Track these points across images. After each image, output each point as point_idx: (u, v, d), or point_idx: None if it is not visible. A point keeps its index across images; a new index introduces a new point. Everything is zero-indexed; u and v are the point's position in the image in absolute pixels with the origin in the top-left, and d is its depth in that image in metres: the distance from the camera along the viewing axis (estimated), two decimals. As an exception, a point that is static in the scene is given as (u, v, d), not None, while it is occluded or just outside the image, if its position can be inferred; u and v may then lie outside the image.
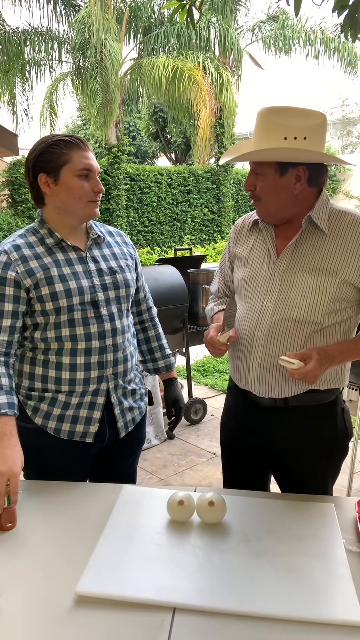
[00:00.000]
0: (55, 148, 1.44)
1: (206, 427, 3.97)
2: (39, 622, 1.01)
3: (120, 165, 13.04)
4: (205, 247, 13.86)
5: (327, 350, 1.39)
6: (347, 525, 1.30)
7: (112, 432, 1.60)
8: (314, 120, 1.37)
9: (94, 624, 1.00)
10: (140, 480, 3.15)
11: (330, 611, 1.02)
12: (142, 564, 1.14)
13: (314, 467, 1.53)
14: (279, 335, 1.46)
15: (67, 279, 1.47)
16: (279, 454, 1.57)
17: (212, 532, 1.25)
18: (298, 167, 1.38)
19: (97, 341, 1.50)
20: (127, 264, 1.62)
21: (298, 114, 1.36)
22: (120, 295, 1.57)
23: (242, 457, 1.66)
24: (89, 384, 1.52)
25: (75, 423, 1.54)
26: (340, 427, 1.54)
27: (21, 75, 12.55)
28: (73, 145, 1.45)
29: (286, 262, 1.47)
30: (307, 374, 1.34)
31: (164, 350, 1.84)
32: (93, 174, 1.48)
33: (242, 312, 1.55)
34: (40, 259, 1.47)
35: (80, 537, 1.25)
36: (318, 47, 13.99)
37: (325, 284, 1.41)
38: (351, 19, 1.96)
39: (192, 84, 12.14)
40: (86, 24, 11.44)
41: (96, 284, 1.52)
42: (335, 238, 1.43)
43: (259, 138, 1.40)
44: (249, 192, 1.47)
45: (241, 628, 0.99)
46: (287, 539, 1.23)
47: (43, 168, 1.45)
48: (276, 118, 1.36)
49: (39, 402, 1.53)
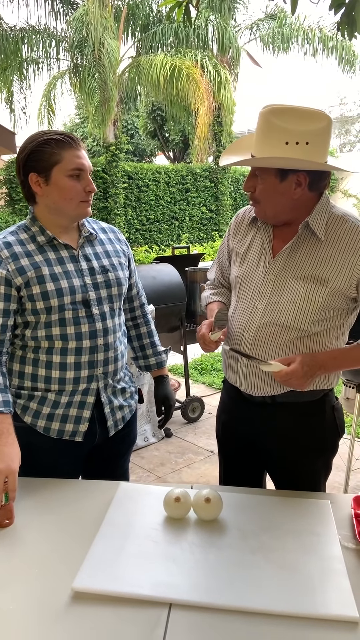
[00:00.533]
0: (46, 147, 1.40)
1: (204, 425, 3.98)
2: (36, 618, 1.01)
3: (118, 164, 13.03)
4: (203, 246, 13.88)
5: (315, 356, 1.39)
6: (343, 521, 1.30)
7: (102, 431, 1.59)
8: (318, 123, 1.33)
9: (91, 620, 1.00)
10: (137, 478, 3.16)
11: (326, 607, 1.02)
12: (139, 560, 1.15)
13: (304, 464, 1.54)
14: (266, 337, 1.47)
15: (58, 278, 1.45)
16: (270, 450, 1.58)
17: (208, 529, 1.26)
18: (299, 172, 1.36)
19: (88, 340, 1.49)
20: (119, 261, 1.60)
21: (301, 116, 1.33)
22: (112, 294, 1.55)
23: (236, 451, 1.67)
24: (79, 383, 1.51)
25: (65, 422, 1.52)
26: (329, 425, 1.54)
27: (19, 73, 12.52)
28: (64, 144, 1.41)
29: (280, 266, 1.46)
30: (290, 375, 1.34)
31: (155, 347, 1.83)
32: (85, 174, 1.44)
33: (234, 310, 1.57)
34: (31, 257, 1.45)
35: (77, 534, 1.25)
36: (316, 45, 13.99)
37: (315, 293, 1.40)
38: (347, 17, 1.97)
39: (190, 82, 12.13)
40: (84, 22, 11.43)
41: (88, 283, 1.50)
42: (330, 245, 1.41)
43: (260, 140, 1.38)
44: (247, 194, 1.46)
45: (237, 624, 0.99)
46: (283, 535, 1.24)
47: (34, 167, 1.42)
48: (278, 121, 1.33)
49: (28, 400, 1.52)
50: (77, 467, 1.63)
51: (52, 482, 1.48)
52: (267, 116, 1.35)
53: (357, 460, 3.27)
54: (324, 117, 1.35)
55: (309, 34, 13.95)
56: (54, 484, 1.47)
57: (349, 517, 1.32)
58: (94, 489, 1.45)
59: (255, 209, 1.49)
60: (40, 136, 1.42)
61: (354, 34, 2.07)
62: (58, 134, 1.43)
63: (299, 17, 13.92)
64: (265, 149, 1.36)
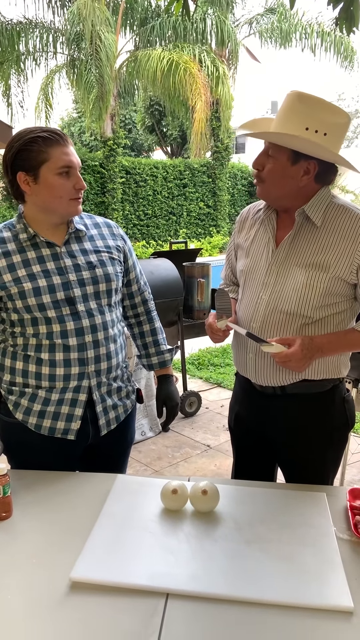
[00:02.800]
0: (34, 145, 1.37)
1: (200, 419, 3.99)
2: (34, 608, 1.02)
3: (115, 159, 12.99)
4: (201, 241, 13.86)
5: (313, 339, 1.41)
6: (338, 513, 1.32)
7: (95, 432, 1.57)
8: (339, 119, 1.37)
9: (88, 610, 1.01)
10: (134, 472, 3.17)
11: (321, 597, 1.04)
12: (136, 551, 1.16)
13: (314, 456, 1.55)
14: (272, 326, 1.48)
15: (35, 277, 1.43)
16: (280, 441, 1.59)
17: (205, 521, 1.27)
18: (310, 160, 1.38)
19: (75, 338, 1.46)
20: (110, 257, 1.56)
21: (325, 108, 1.36)
22: (99, 291, 1.51)
23: (248, 443, 1.69)
24: (69, 380, 1.48)
25: (57, 420, 1.50)
26: (339, 417, 1.55)
27: (16, 66, 12.45)
28: (52, 142, 1.38)
29: (283, 255, 1.49)
30: (289, 357, 1.36)
31: (158, 346, 1.78)
32: (74, 171, 1.41)
33: (241, 302, 1.59)
34: (9, 257, 1.43)
35: (74, 526, 1.26)
36: (315, 40, 13.94)
37: (316, 279, 1.42)
38: (346, 12, 1.97)
39: (188, 77, 12.08)
40: (81, 15, 11.36)
41: (72, 280, 1.47)
42: (329, 233, 1.43)
43: (281, 120, 1.40)
44: (254, 171, 1.47)
45: (233, 613, 1.00)
46: (279, 527, 1.25)
47: (21, 166, 1.39)
48: (303, 106, 1.36)
49: (19, 397, 1.51)
50: (71, 467, 1.59)
51: (50, 475, 1.48)
52: (294, 98, 1.38)
53: (354, 455, 3.30)
54: (345, 115, 1.39)
55: (307, 29, 13.90)
56: (52, 477, 1.47)
57: (344, 509, 1.33)
58: (91, 482, 1.46)
59: (257, 189, 1.50)
60: (26, 134, 1.39)
61: (352, 29, 2.07)
62: (44, 130, 1.39)
63: (297, 12, 13.86)
64: (285, 128, 1.38)
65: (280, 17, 13.91)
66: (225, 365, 5.28)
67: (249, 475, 1.61)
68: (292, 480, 1.60)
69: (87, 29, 11.19)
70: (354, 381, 2.70)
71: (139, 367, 3.45)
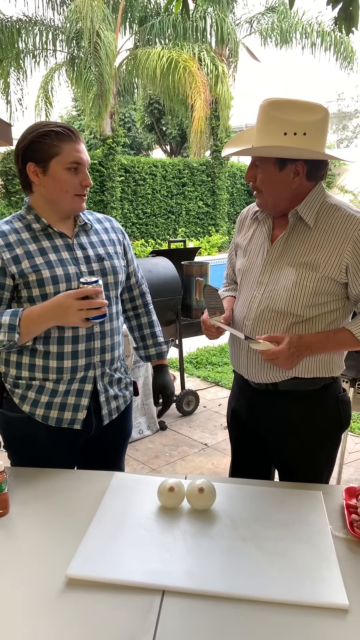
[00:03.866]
0: (46, 139, 1.42)
1: (198, 418, 3.99)
2: (30, 604, 1.02)
3: (115, 157, 12.97)
4: (200, 240, 13.84)
5: (302, 337, 1.42)
6: (334, 512, 1.32)
7: (97, 422, 1.60)
8: (315, 115, 1.38)
9: (84, 606, 1.02)
10: (131, 470, 3.17)
11: (317, 594, 1.04)
12: (133, 548, 1.16)
13: (305, 455, 1.56)
14: (264, 324, 1.50)
15: (53, 266, 1.46)
16: (272, 438, 1.60)
17: (201, 518, 1.27)
18: (296, 162, 1.40)
19: (85, 328, 1.50)
20: (115, 250, 1.62)
21: (299, 108, 1.37)
22: (107, 282, 1.56)
23: (244, 440, 1.71)
24: (76, 371, 1.52)
25: (64, 410, 1.53)
26: (332, 416, 1.56)
27: (16, 64, 12.42)
28: (64, 137, 1.43)
29: (277, 254, 1.51)
30: (276, 355, 1.38)
31: (156, 337, 1.84)
32: (83, 167, 1.47)
33: (238, 301, 1.61)
34: (25, 246, 1.46)
35: (71, 523, 1.27)
36: (314, 40, 13.93)
37: (306, 279, 1.44)
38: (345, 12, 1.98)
39: (187, 76, 12.06)
40: (80, 13, 11.33)
41: (84, 271, 1.51)
42: (321, 232, 1.45)
43: (260, 132, 1.42)
44: (249, 183, 1.50)
45: (228, 610, 1.01)
46: (275, 525, 1.26)
47: (32, 157, 1.44)
48: (277, 112, 1.37)
49: (26, 390, 1.53)
50: (72, 459, 1.63)
51: (47, 472, 1.49)
52: (266, 108, 1.39)
53: (350, 454, 3.30)
54: (321, 109, 1.39)
55: (307, 29, 13.88)
56: (49, 474, 1.48)
57: (340, 507, 1.34)
58: (88, 479, 1.46)
59: (257, 200, 1.54)
60: (41, 127, 1.44)
61: (351, 29, 2.08)
62: (59, 126, 1.44)
63: (298, 12, 13.84)
64: (264, 139, 1.40)
65: (280, 17, 13.89)
66: (223, 364, 5.29)
67: (246, 473, 1.62)
68: (285, 478, 1.61)
69: (86, 27, 11.17)
70: (352, 381, 2.70)
71: (136, 366, 3.45)
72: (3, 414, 1.58)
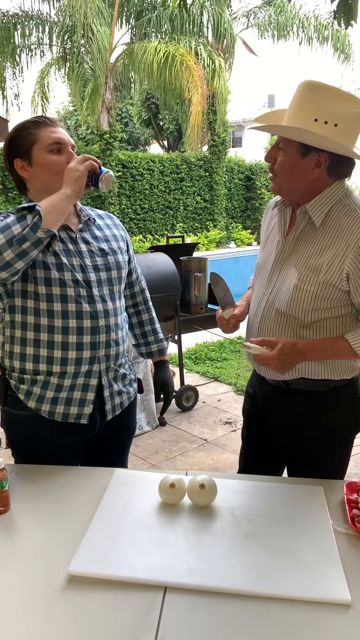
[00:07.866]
0: (24, 131, 1.46)
1: (198, 414, 4.00)
2: (32, 601, 1.02)
3: (112, 152, 12.92)
4: (198, 235, 13.82)
5: (296, 344, 1.37)
6: (335, 506, 1.32)
7: (102, 419, 1.60)
8: (352, 108, 1.31)
9: (86, 603, 1.02)
10: (132, 466, 3.17)
11: (318, 589, 1.04)
12: (134, 544, 1.16)
13: (315, 454, 1.55)
14: (269, 324, 1.49)
15: (59, 254, 1.47)
16: (283, 435, 1.60)
17: (202, 514, 1.27)
18: (320, 152, 1.34)
19: (89, 320, 1.49)
20: (118, 246, 1.62)
21: (336, 97, 1.30)
22: (112, 277, 1.56)
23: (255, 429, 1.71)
24: (80, 364, 1.51)
25: (69, 405, 1.53)
26: (343, 418, 1.52)
27: (11, 59, 12.35)
28: (39, 124, 1.46)
29: (287, 253, 1.47)
30: (267, 360, 1.36)
31: (157, 334, 1.85)
32: (65, 147, 1.48)
33: (252, 297, 1.61)
34: None
35: (72, 520, 1.26)
36: (312, 34, 13.87)
37: (306, 282, 1.39)
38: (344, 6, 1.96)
39: (184, 70, 12.00)
40: (74, 7, 11.25)
41: (88, 265, 1.51)
42: (327, 234, 1.39)
43: (291, 112, 1.37)
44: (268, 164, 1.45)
45: (230, 606, 1.01)
46: (276, 520, 1.26)
47: (16, 153, 1.47)
48: (312, 96, 1.31)
49: (31, 385, 1.52)
50: (77, 456, 1.63)
51: (48, 469, 1.48)
52: (302, 89, 1.34)
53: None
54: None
55: (304, 23, 13.82)
56: (49, 471, 1.48)
57: (341, 502, 1.34)
58: (89, 476, 1.46)
59: (271, 183, 1.47)
60: (19, 125, 1.49)
61: (350, 22, 2.06)
62: (33, 118, 1.49)
63: (295, 5, 13.78)
64: (293, 121, 1.34)
65: (277, 10, 13.83)
66: (222, 360, 5.29)
67: (256, 466, 1.62)
68: (293, 476, 1.60)
69: (79, 21, 11.09)
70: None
71: (136, 362, 3.45)
72: (7, 412, 1.57)
